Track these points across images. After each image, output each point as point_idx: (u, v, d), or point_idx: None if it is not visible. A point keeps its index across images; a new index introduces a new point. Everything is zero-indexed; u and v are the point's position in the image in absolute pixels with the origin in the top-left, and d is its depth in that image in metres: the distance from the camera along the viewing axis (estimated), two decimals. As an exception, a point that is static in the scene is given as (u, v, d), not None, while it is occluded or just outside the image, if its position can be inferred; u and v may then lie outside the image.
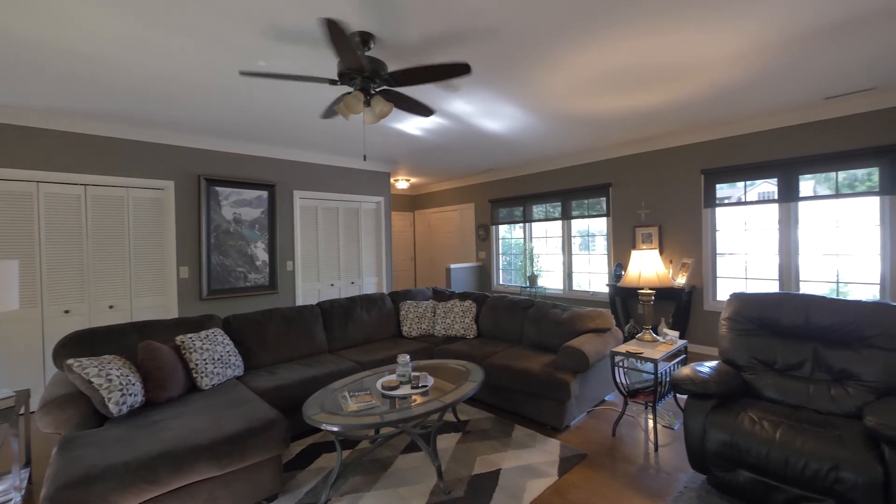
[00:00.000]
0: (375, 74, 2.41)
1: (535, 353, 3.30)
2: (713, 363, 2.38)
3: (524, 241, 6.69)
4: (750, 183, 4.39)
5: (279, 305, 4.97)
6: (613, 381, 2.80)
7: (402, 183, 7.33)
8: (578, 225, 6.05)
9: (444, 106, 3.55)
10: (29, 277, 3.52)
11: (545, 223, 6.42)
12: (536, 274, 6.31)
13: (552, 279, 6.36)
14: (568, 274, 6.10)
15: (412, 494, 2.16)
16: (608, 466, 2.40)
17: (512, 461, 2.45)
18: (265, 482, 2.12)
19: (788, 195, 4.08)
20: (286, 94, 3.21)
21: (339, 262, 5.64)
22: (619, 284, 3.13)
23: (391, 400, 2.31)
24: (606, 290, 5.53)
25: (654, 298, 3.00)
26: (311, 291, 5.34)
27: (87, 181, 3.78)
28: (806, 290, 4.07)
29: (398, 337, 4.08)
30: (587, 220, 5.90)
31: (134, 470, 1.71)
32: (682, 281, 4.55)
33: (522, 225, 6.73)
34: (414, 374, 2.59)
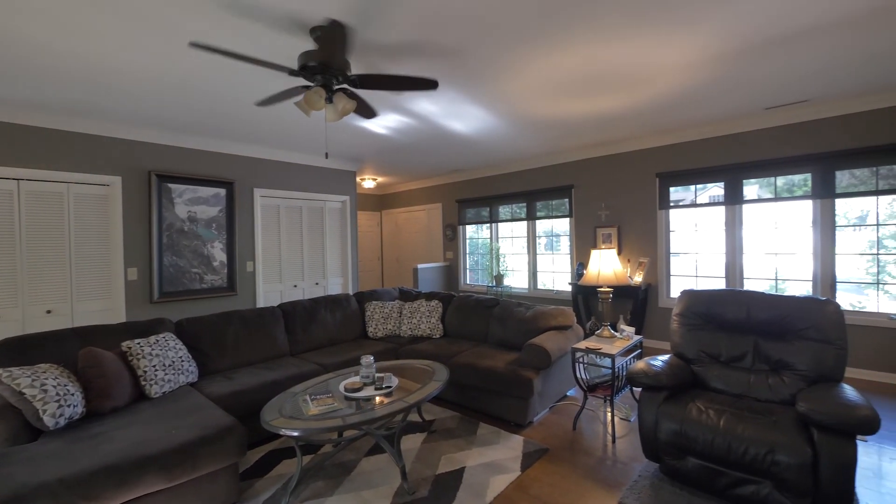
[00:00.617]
0: (340, 72, 2.37)
1: (500, 351, 3.35)
2: (665, 357, 2.50)
3: (490, 241, 6.78)
4: (701, 186, 4.65)
5: (238, 308, 4.78)
6: (574, 376, 2.89)
7: (368, 182, 7.24)
8: (543, 225, 6.20)
9: (409, 105, 3.54)
10: (-50, 280, 3.20)
11: (511, 223, 6.53)
12: (502, 273, 6.40)
13: (518, 278, 6.48)
14: (533, 273, 6.23)
15: (375, 497, 2.13)
16: (568, 459, 2.47)
17: (476, 459, 2.48)
18: (220, 492, 2.03)
19: (734, 198, 4.36)
20: (244, 85, 3.09)
21: (302, 262, 5.49)
22: (579, 283, 3.23)
23: (354, 402, 2.28)
24: (569, 288, 5.70)
25: (612, 296, 3.12)
26: (272, 293, 5.16)
27: (19, 175, 3.48)
28: (749, 286, 4.36)
29: (363, 338, 4.02)
30: (551, 220, 6.05)
31: (71, 487, 1.59)
32: (638, 279, 4.76)
33: (489, 225, 6.81)
34: (378, 375, 2.56)
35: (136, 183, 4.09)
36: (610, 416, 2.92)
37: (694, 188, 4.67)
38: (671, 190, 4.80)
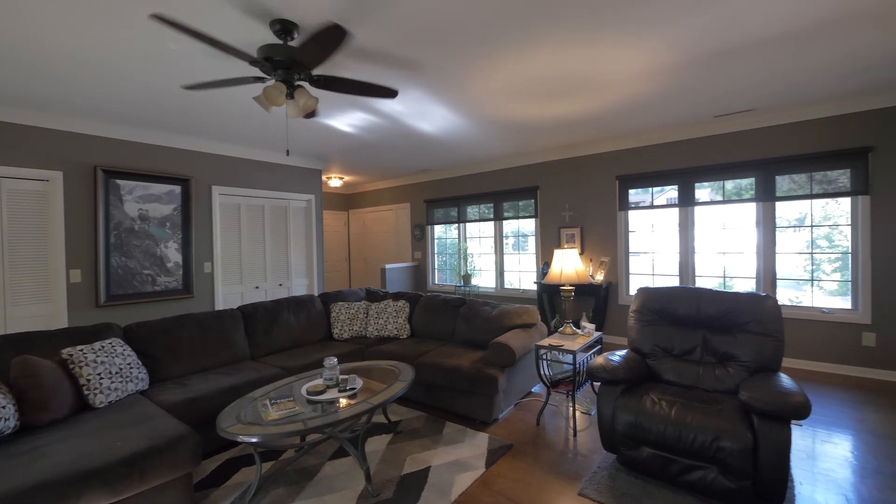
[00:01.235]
0: (302, 67, 2.31)
1: (466, 350, 3.38)
2: (623, 352, 2.60)
3: (459, 240, 6.82)
4: (658, 189, 4.88)
5: (195, 311, 4.57)
6: (538, 373, 2.95)
7: (335, 181, 7.10)
8: (510, 225, 6.30)
9: (376, 104, 3.50)
10: None
11: (479, 223, 6.60)
12: (470, 273, 6.46)
13: (486, 278, 6.55)
14: (500, 273, 6.32)
15: (338, 501, 2.09)
16: (532, 454, 2.53)
17: (442, 458, 2.49)
18: (172, 505, 1.93)
19: (687, 201, 4.60)
20: (198, 75, 2.96)
21: (265, 263, 5.31)
22: (543, 282, 3.30)
23: (317, 405, 2.23)
24: (535, 287, 5.82)
25: (574, 294, 3.21)
26: (232, 295, 4.96)
27: (-58, 169, 3.17)
28: (701, 284, 4.61)
29: (329, 340, 3.94)
30: (518, 220, 6.16)
31: (-1, 507, 1.46)
32: (600, 277, 4.93)
33: (457, 225, 6.85)
34: (342, 377, 2.52)
35: (79, 178, 3.82)
36: (572, 410, 3.01)
37: (651, 191, 4.89)
38: (630, 192, 5.00)
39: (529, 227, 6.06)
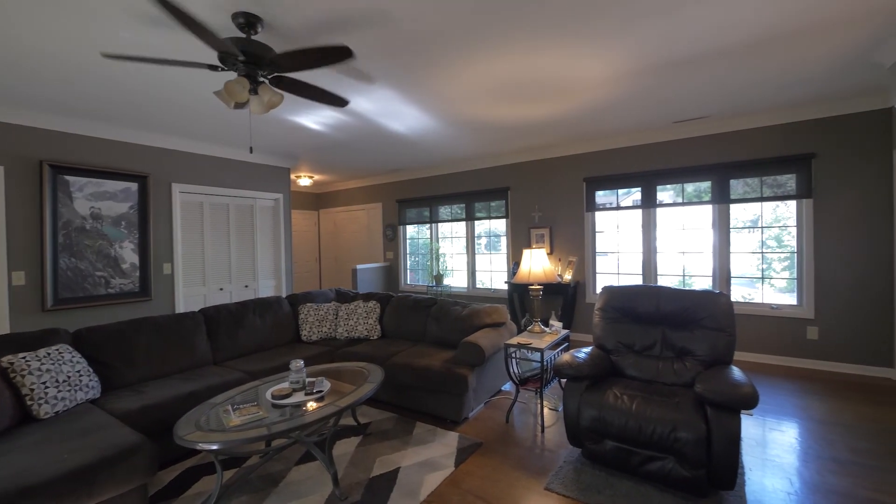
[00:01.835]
0: (260, 60, 2.25)
1: (437, 350, 3.38)
2: (588, 349, 2.68)
3: (431, 241, 6.81)
4: (624, 191, 5.05)
5: (154, 314, 4.35)
6: (507, 371, 3.00)
7: (304, 180, 6.95)
8: (482, 226, 6.36)
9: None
10: None
11: (451, 224, 6.62)
12: (442, 273, 6.47)
13: (458, 278, 6.58)
14: (472, 273, 6.37)
15: (305, 506, 2.05)
16: (500, 452, 2.56)
17: (411, 458, 2.48)
18: (125, 518, 1.83)
19: (649, 202, 4.78)
20: (159, 67, 2.83)
21: (230, 264, 5.13)
22: (513, 281, 3.35)
23: (282, 409, 2.17)
24: (506, 287, 5.90)
25: (542, 293, 3.28)
26: (195, 297, 4.77)
27: None
28: (662, 282, 4.81)
29: (297, 342, 3.85)
30: (490, 221, 6.22)
31: (-75, 529, 1.35)
32: (568, 277, 5.05)
33: (429, 225, 6.84)
34: (309, 379, 2.46)
35: (23, 174, 3.56)
36: (540, 407, 3.07)
37: (617, 192, 5.06)
38: (597, 194, 5.15)
39: (501, 227, 6.13)
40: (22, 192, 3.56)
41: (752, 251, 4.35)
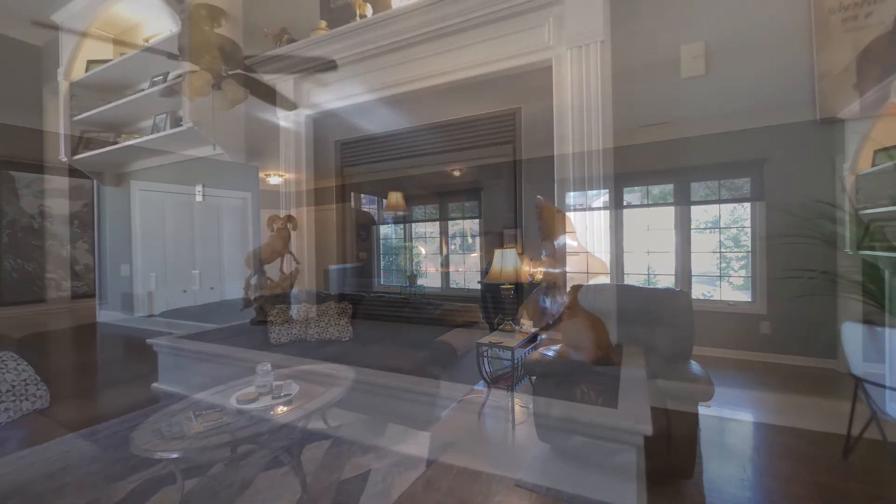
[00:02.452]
0: (228, 56, 2.17)
1: (409, 350, 3.36)
2: (557, 347, 2.74)
3: (405, 240, 6.78)
4: (594, 192, 5.18)
5: (109, 318, 4.13)
6: (479, 370, 3.02)
7: (274, 178, 6.76)
8: (456, 226, 6.38)
9: (314, 99, 3.39)
10: None
11: (425, 224, 6.61)
12: (416, 273, 6.45)
13: (432, 278, 6.58)
14: (446, 273, 6.38)
15: (272, 513, 2.00)
16: (472, 450, 2.58)
17: (383, 460, 2.46)
18: (75, 535, 1.73)
19: (617, 203, 4.94)
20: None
21: (194, 265, 4.93)
22: (485, 281, 3.39)
23: (248, 414, 2.11)
24: (479, 286, 5.93)
25: (514, 293, 3.33)
26: (156, 300, 4.55)
27: None
28: (629, 282, 4.97)
29: (265, 345, 3.74)
30: (464, 221, 6.25)
31: None
32: (539, 276, 5.14)
33: (403, 225, 6.81)
34: (277, 383, 2.41)
35: (-40, 169, 3.31)
36: (511, 405, 3.11)
37: (587, 194, 5.18)
38: (569, 195, 5.27)
39: (474, 227, 6.17)
40: (-41, 188, 3.30)
41: (712, 251, 4.56)
